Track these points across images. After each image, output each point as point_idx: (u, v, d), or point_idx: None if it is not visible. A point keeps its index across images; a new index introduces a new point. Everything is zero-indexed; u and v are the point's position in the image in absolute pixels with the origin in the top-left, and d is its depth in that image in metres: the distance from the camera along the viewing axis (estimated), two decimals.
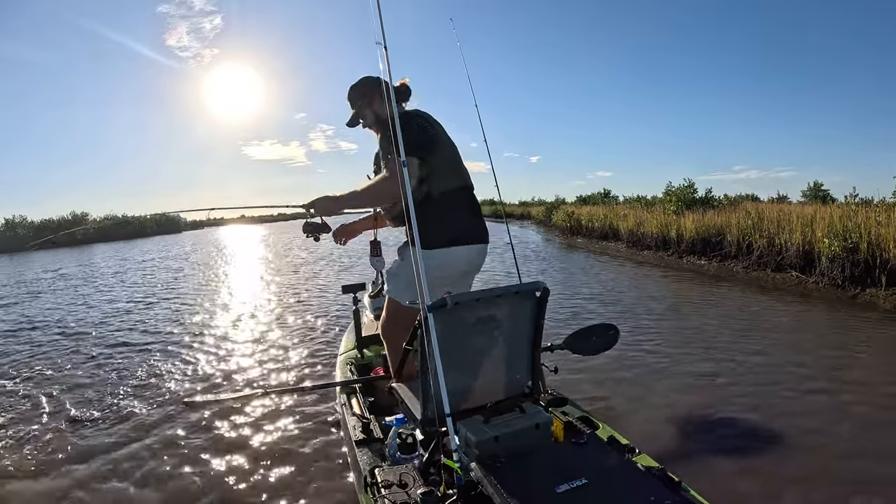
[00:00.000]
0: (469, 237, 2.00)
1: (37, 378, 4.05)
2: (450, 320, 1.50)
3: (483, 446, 1.40)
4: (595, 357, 2.85)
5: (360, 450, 1.89)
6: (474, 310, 1.57)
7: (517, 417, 1.51)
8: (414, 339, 1.61)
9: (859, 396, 3.09)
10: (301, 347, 4.61)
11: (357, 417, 2.13)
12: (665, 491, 1.24)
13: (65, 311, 7.13)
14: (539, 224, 22.88)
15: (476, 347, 1.62)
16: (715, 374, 3.56)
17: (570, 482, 1.23)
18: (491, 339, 1.65)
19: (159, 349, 4.72)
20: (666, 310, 5.76)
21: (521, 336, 1.72)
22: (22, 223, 27.68)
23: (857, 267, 6.06)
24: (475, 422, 1.49)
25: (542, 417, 1.53)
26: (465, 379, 1.60)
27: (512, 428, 1.46)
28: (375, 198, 1.92)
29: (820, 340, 4.43)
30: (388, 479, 1.55)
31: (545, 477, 1.27)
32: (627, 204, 16.16)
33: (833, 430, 2.70)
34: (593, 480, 1.24)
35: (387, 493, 1.49)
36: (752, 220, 8.22)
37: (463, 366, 1.58)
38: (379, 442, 1.93)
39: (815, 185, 16.17)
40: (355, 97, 2.10)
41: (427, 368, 1.51)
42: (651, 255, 10.52)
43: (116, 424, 3.04)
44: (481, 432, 1.43)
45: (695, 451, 2.56)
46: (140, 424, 3.03)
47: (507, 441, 1.42)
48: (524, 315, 1.70)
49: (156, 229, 36.88)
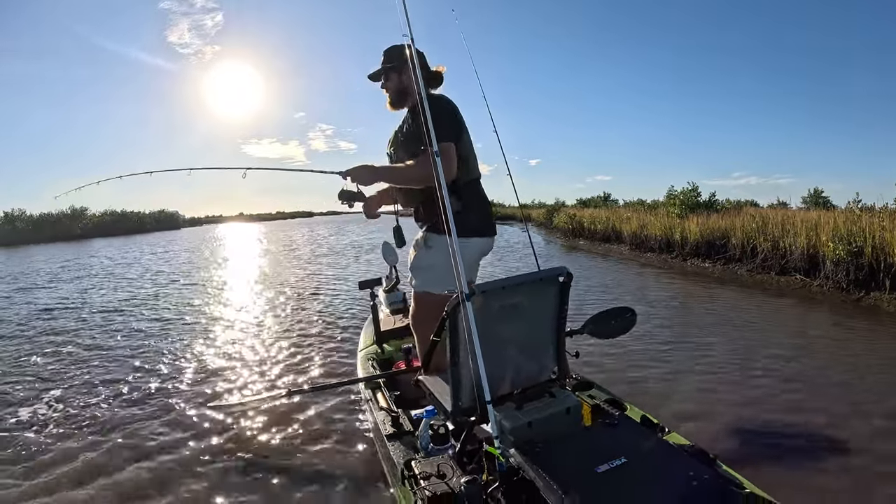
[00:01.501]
0: (488, 229, 2.04)
1: (50, 377, 4.05)
2: (478, 309, 1.52)
3: (518, 432, 1.42)
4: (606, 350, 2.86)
5: (391, 443, 1.89)
6: (500, 298, 1.59)
7: (548, 402, 1.55)
8: (442, 330, 1.62)
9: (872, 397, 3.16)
10: (319, 345, 4.60)
11: (385, 412, 2.14)
12: (702, 467, 1.26)
13: (79, 303, 7.13)
14: (540, 226, 22.91)
15: (503, 335, 1.63)
16: (730, 371, 3.62)
17: (609, 462, 1.25)
18: (517, 326, 1.66)
19: (176, 351, 4.69)
20: (673, 307, 5.81)
21: (545, 322, 1.74)
22: (21, 216, 27.58)
23: (861, 271, 6.12)
24: (508, 409, 1.51)
25: (572, 401, 1.55)
26: (495, 366, 1.61)
27: (544, 413, 1.49)
28: (412, 179, 1.92)
29: (827, 337, 4.49)
30: (426, 471, 1.56)
31: (584, 458, 1.29)
32: (629, 207, 16.23)
33: (849, 424, 2.76)
34: (631, 459, 1.27)
35: (426, 485, 1.49)
36: (757, 223, 8.29)
37: (492, 354, 1.59)
38: (409, 435, 1.93)
39: (815, 192, 16.23)
40: (392, 56, 2.08)
41: (457, 360, 1.53)
42: (654, 258, 10.58)
43: (141, 431, 2.97)
44: (515, 419, 1.46)
45: (719, 431, 2.66)
46: (165, 429, 2.98)
47: (541, 426, 1.45)
48: (548, 301, 1.72)
49: (154, 225, 36.83)
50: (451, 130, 1.89)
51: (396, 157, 2.07)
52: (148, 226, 35.86)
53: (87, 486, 2.39)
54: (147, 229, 34.51)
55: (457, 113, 1.99)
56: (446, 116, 1.93)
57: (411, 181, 1.94)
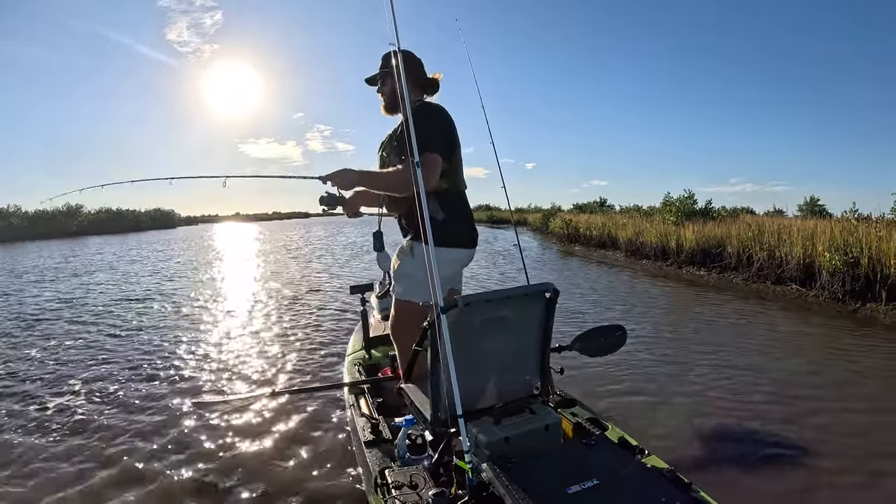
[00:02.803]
0: (469, 241, 2.04)
1: (43, 377, 3.98)
2: (460, 321, 1.49)
3: (493, 447, 1.40)
4: (597, 362, 2.78)
5: (369, 450, 1.88)
6: (484, 310, 1.57)
7: (527, 418, 1.51)
8: (424, 339, 1.60)
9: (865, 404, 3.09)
10: (308, 348, 4.56)
11: (366, 418, 2.12)
12: (676, 492, 1.24)
13: (64, 300, 7.03)
14: (535, 231, 22.90)
15: (486, 348, 1.61)
16: (720, 384, 3.55)
17: (581, 483, 1.23)
18: (500, 340, 1.64)
19: (166, 348, 4.66)
20: (668, 317, 5.75)
21: (530, 337, 1.72)
22: (16, 213, 27.47)
23: (857, 281, 6.08)
24: (485, 423, 1.48)
25: (552, 418, 1.52)
26: (475, 380, 1.59)
27: (522, 429, 1.46)
28: (394, 186, 1.90)
29: (822, 351, 4.43)
30: (399, 480, 1.55)
31: (556, 478, 1.26)
32: (626, 213, 16.19)
33: (837, 439, 2.71)
34: (604, 481, 1.24)
35: (397, 494, 1.48)
36: (753, 232, 8.25)
37: (473, 367, 1.57)
38: (388, 443, 1.92)
39: (811, 200, 16.26)
40: (387, 62, 2.08)
41: (437, 369, 1.50)
42: (650, 265, 10.54)
43: (123, 424, 2.99)
44: (492, 433, 1.43)
45: (703, 455, 2.57)
46: (148, 424, 2.98)
47: (518, 442, 1.42)
48: (533, 316, 1.70)
49: (150, 224, 36.76)
50: (440, 142, 1.87)
51: (388, 161, 2.05)
52: (143, 224, 35.78)
53: (65, 487, 2.36)
54: (142, 227, 34.43)
55: (451, 126, 1.97)
56: (439, 128, 1.91)
57: (392, 188, 1.91)
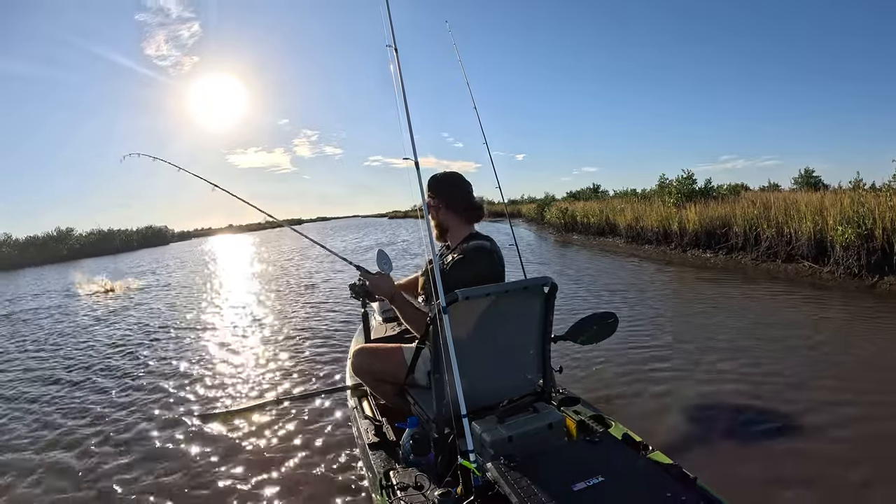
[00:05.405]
0: None
1: (44, 394, 3.99)
2: (461, 318, 1.53)
3: (497, 446, 1.42)
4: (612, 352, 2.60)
5: (373, 452, 1.89)
6: (485, 305, 1.59)
7: (530, 417, 1.53)
8: (426, 337, 1.62)
9: None
10: (309, 352, 4.59)
11: (369, 420, 2.14)
12: (680, 487, 1.23)
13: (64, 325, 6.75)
14: (530, 222, 22.66)
15: (487, 346, 1.65)
16: (732, 369, 3.32)
17: (586, 480, 1.23)
18: (502, 335, 1.67)
19: (169, 362, 4.66)
20: (678, 304, 5.52)
21: (530, 334, 1.75)
22: (7, 241, 27.25)
23: (873, 255, 5.86)
24: (489, 422, 1.50)
25: (556, 417, 1.54)
26: (478, 379, 1.59)
27: (525, 428, 1.48)
28: (415, 327, 1.83)
29: (844, 331, 4.20)
30: (404, 482, 1.56)
31: (561, 476, 1.26)
32: (623, 197, 15.89)
33: (858, 428, 2.56)
34: (609, 478, 1.24)
35: (402, 496, 1.49)
36: (758, 209, 8.00)
37: (475, 366, 1.58)
38: (392, 444, 1.93)
39: (806, 172, 16.00)
40: (429, 189, 1.94)
41: (440, 369, 1.52)
42: (653, 250, 10.31)
43: (133, 442, 3.01)
44: (495, 432, 1.45)
45: (707, 447, 2.50)
46: (156, 440, 3.01)
47: (521, 441, 1.44)
48: (533, 312, 1.72)
49: (142, 242, 36.40)
50: None
51: (425, 289, 2.00)
52: (135, 243, 35.43)
53: (69, 492, 2.45)
54: (134, 247, 34.10)
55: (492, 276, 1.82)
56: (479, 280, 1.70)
57: (413, 327, 1.86)
